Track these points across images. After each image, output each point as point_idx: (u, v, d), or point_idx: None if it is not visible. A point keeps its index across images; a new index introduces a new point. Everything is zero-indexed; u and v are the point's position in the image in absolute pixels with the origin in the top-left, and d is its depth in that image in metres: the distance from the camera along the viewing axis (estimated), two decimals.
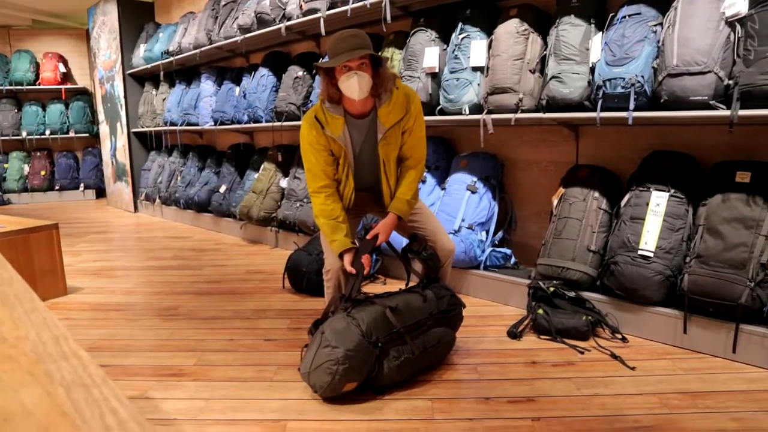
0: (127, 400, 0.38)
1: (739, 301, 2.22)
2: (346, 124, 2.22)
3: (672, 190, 2.56)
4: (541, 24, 3.06)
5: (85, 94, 9.18)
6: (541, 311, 2.65)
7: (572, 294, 2.68)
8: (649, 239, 2.52)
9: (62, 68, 8.97)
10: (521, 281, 3.00)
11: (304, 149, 2.28)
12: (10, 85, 8.74)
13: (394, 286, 3.52)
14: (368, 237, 2.29)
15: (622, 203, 2.72)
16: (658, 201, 2.57)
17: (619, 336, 2.56)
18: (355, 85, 2.07)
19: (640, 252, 2.52)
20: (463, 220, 3.25)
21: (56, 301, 3.40)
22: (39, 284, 3.39)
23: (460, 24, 3.31)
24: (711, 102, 2.31)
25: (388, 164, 2.31)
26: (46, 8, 8.95)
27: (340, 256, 2.27)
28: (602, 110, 2.63)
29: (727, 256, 2.29)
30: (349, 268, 2.23)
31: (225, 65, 6.05)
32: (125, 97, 7.15)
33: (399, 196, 2.34)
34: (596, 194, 2.85)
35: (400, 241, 3.33)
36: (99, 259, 4.63)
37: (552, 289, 2.69)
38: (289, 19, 4.38)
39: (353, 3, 3.76)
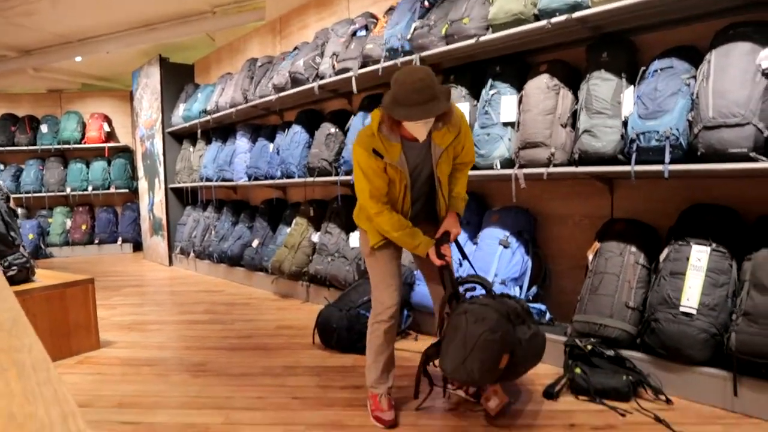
0: None
1: None
2: (402, 150, 2.21)
3: (714, 244, 2.47)
4: (572, 79, 3.06)
5: (126, 152, 9.52)
6: (578, 370, 2.53)
7: (611, 353, 2.56)
8: (691, 295, 2.41)
9: (106, 127, 9.37)
10: (557, 338, 2.89)
11: (365, 174, 2.21)
12: (59, 144, 9.15)
13: (427, 342, 3.43)
14: (438, 236, 2.34)
15: (661, 258, 2.63)
16: (699, 255, 2.47)
17: (663, 397, 2.41)
18: (423, 132, 2.09)
19: (682, 309, 2.41)
20: (495, 276, 3.18)
21: (89, 355, 3.42)
22: (73, 338, 3.42)
23: (490, 80, 3.34)
24: (751, 154, 2.24)
25: (443, 180, 2.32)
26: (95, 72, 9.46)
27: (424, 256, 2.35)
28: (636, 163, 2.58)
29: None
30: (436, 260, 2.26)
31: (260, 123, 6.22)
32: (164, 154, 7.39)
33: (455, 196, 2.40)
34: (633, 249, 2.76)
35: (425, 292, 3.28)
36: (132, 312, 4.67)
37: (590, 347, 2.58)
38: (322, 78, 4.50)
39: (384, 62, 3.85)
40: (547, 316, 3.22)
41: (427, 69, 2.06)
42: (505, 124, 3.21)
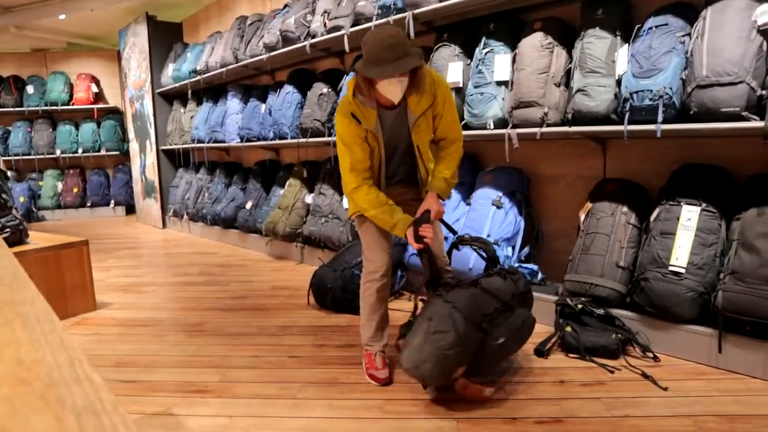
0: (136, 429, 0.38)
1: None
2: (378, 116, 2.20)
3: (704, 204, 2.50)
4: (566, 37, 3.03)
5: (116, 113, 9.42)
6: (569, 329, 2.59)
7: (601, 311, 2.62)
8: (680, 255, 2.46)
9: (94, 88, 9.24)
10: (548, 298, 2.95)
11: (346, 144, 2.22)
12: (46, 105, 9.02)
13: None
14: (417, 216, 2.24)
15: (652, 218, 2.66)
16: (690, 215, 2.51)
17: (651, 355, 2.48)
18: (397, 91, 2.08)
19: (671, 268, 2.45)
20: (488, 236, 3.22)
21: (85, 317, 3.46)
22: (69, 299, 3.46)
23: (483, 38, 3.31)
24: (743, 113, 2.25)
25: (423, 149, 2.29)
26: (80, 31, 9.25)
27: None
28: (629, 123, 2.59)
29: (764, 273, 2.21)
30: (413, 244, 2.20)
31: (251, 83, 6.14)
32: (154, 115, 7.32)
33: (437, 175, 2.29)
34: (625, 209, 2.80)
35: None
36: (128, 274, 4.71)
37: (580, 306, 2.63)
38: (314, 36, 4.43)
39: (376, 20, 3.79)
40: (539, 276, 3.27)
41: (398, 28, 2.05)
42: (499, 83, 3.19)
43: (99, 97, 9.40)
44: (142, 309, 3.62)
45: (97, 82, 9.41)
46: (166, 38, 7.33)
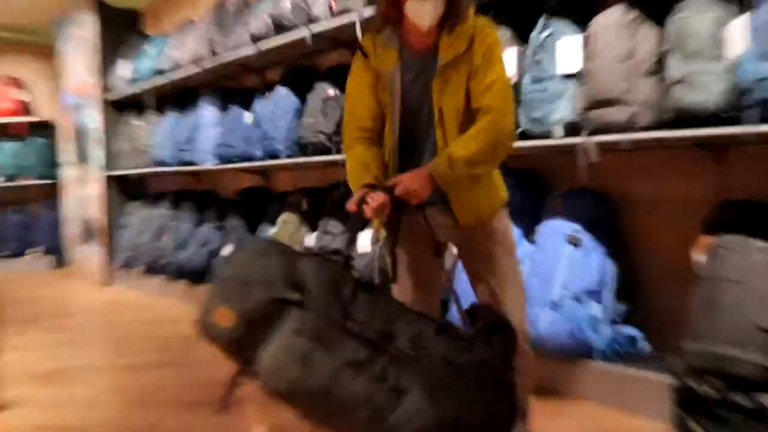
0: None
1: None
2: (399, 59, 2.25)
3: None
4: (656, 10, 3.05)
5: (47, 128, 9.62)
6: (697, 428, 2.51)
7: (746, 401, 2.52)
8: None
9: (20, 96, 9.49)
10: (659, 378, 2.88)
11: (349, 93, 2.42)
12: None
13: None
14: (385, 184, 2.20)
15: None
16: None
17: None
18: (428, 11, 2.13)
19: None
20: (564, 288, 3.19)
21: None
22: None
23: (543, 17, 3.36)
24: None
25: (446, 114, 2.23)
26: (5, 21, 9.51)
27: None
28: (756, 122, 2.59)
29: None
30: (350, 205, 2.15)
31: (231, 86, 6.29)
32: (102, 130, 7.53)
33: (447, 150, 2.18)
34: (760, 244, 2.76)
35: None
36: (52, 356, 4.68)
37: (712, 391, 2.55)
38: (316, 22, 4.55)
39: None
40: (642, 344, 3.23)
41: None
42: (566, 77, 3.23)
43: (26, 107, 9.65)
44: (69, 408, 3.51)
45: (24, 88, 9.69)
46: (119, 30, 7.57)
